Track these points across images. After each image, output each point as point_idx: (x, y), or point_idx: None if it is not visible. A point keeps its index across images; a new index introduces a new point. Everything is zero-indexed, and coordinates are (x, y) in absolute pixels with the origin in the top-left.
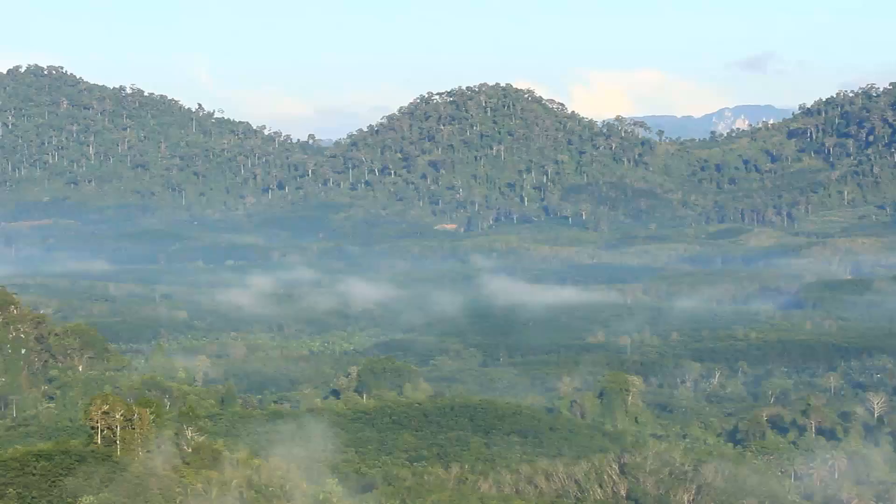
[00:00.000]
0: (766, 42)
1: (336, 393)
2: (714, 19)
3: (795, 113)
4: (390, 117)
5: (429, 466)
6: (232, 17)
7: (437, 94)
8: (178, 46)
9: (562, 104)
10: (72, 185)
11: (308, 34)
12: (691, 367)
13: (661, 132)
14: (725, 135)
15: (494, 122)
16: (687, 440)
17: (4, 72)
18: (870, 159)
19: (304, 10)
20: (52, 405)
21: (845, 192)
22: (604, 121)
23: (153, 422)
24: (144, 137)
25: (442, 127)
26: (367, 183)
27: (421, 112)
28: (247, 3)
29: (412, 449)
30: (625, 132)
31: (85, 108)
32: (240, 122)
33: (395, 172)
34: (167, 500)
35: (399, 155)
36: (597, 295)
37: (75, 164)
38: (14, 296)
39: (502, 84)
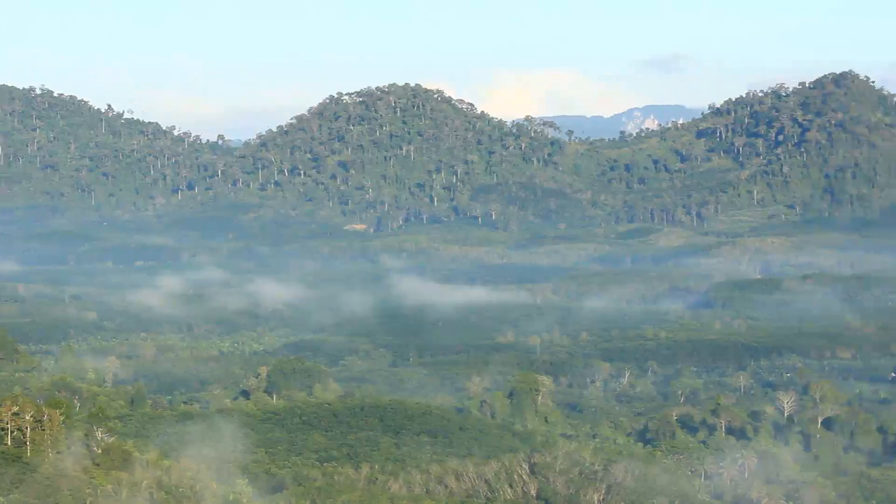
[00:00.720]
0: (676, 42)
1: (246, 393)
2: (624, 19)
3: (705, 113)
4: (300, 117)
5: (339, 467)
6: (141, 17)
7: (347, 94)
8: (87, 47)
9: (471, 104)
10: None
11: (218, 34)
12: (601, 367)
13: (570, 132)
14: (635, 135)
15: (404, 123)
16: (597, 440)
17: None
18: (779, 159)
19: (214, 11)
20: None
21: (755, 192)
22: (513, 121)
23: (63, 423)
24: (54, 138)
25: (351, 127)
26: (276, 183)
27: (330, 112)
28: (156, 4)
29: (322, 449)
30: (534, 132)
31: None
32: (149, 123)
33: (304, 173)
34: (77, 501)
35: (308, 155)
36: (506, 295)
37: None
38: None
39: (412, 84)
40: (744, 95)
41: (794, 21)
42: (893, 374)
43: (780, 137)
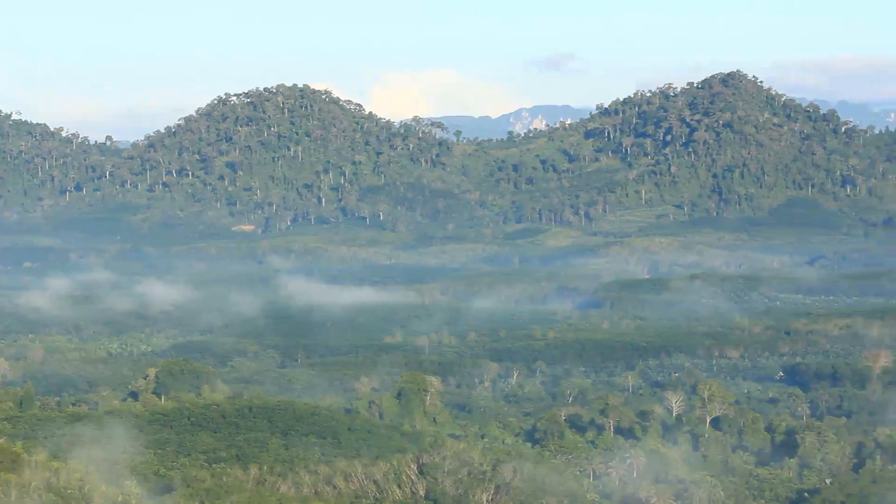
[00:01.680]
0: (564, 42)
1: (135, 395)
2: (512, 19)
3: (593, 113)
4: (188, 118)
5: (227, 468)
6: (30, 17)
7: (235, 95)
8: None
9: (359, 105)
10: None
11: (106, 35)
12: (489, 367)
13: (458, 132)
14: (523, 135)
15: (292, 123)
16: (485, 440)
17: None
18: (667, 159)
19: (102, 11)
20: None
21: (643, 192)
22: (401, 121)
23: None
24: None
25: (239, 128)
26: (164, 184)
27: (218, 113)
28: (45, 4)
29: (211, 450)
30: (422, 133)
31: None
32: (37, 124)
33: (192, 174)
34: None
35: (196, 156)
36: (395, 295)
37: None
38: None
39: (300, 85)
40: (632, 95)
41: (682, 21)
42: (781, 374)
43: (668, 137)
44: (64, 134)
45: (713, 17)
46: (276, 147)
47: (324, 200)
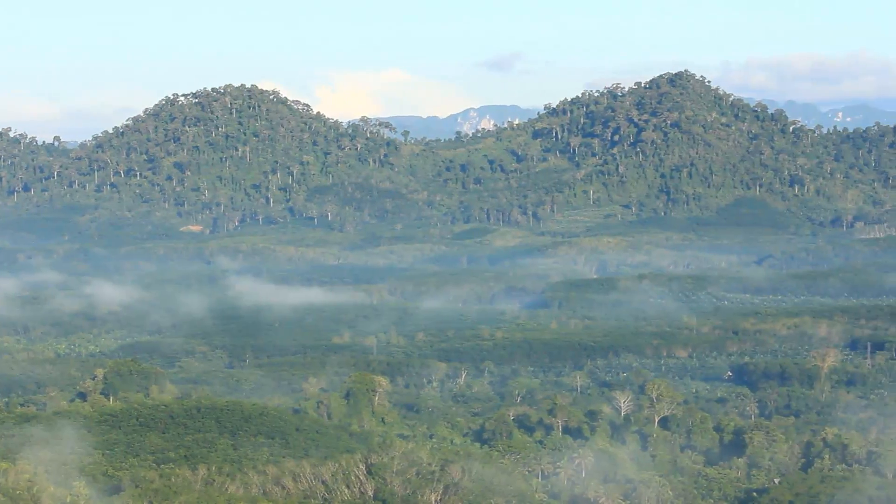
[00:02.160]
0: (512, 42)
1: (83, 395)
2: (460, 20)
3: (541, 113)
4: (135, 119)
5: (176, 468)
6: None
7: (183, 95)
8: None
9: (307, 105)
10: None
11: (53, 35)
12: (437, 367)
13: (406, 133)
14: (471, 135)
15: (240, 124)
16: (434, 440)
17: None
18: (615, 159)
19: (48, 11)
20: None
21: (591, 192)
22: (349, 122)
23: None
24: None
25: (187, 128)
26: (112, 185)
27: (166, 113)
28: None
29: (159, 451)
30: (370, 133)
31: None
32: None
33: (140, 174)
34: None
35: (144, 157)
36: (343, 296)
37: None
38: None
39: (247, 85)
40: (580, 95)
41: (630, 21)
42: (730, 374)
43: (616, 137)
44: (12, 134)
45: (662, 18)
46: (223, 147)
47: (272, 201)
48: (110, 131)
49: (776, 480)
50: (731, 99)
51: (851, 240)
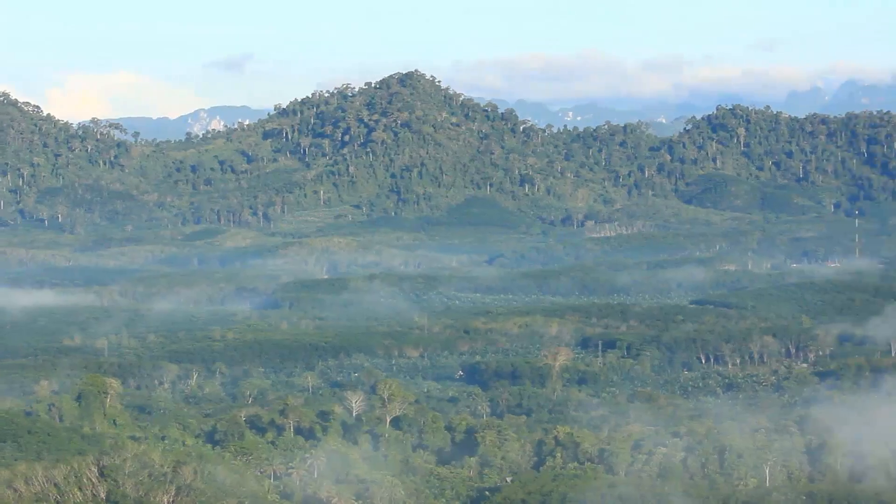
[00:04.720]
0: (243, 44)
1: None
2: (190, 21)
3: (271, 113)
4: None
5: None
6: None
7: None
8: None
9: (37, 107)
10: None
11: None
12: (169, 369)
13: (136, 134)
14: (201, 136)
15: None
16: (166, 442)
17: None
18: (346, 159)
19: None
20: None
21: (321, 192)
22: (80, 123)
23: None
24: None
25: None
26: None
27: None
28: None
29: None
30: (100, 134)
31: None
32: None
33: None
34: None
35: None
36: (74, 298)
37: None
38: None
39: None
40: (310, 96)
41: (362, 22)
42: (461, 373)
43: (347, 138)
44: None
45: (393, 19)
46: None
47: (1, 203)
48: None
49: (508, 479)
50: (461, 98)
51: (582, 238)
